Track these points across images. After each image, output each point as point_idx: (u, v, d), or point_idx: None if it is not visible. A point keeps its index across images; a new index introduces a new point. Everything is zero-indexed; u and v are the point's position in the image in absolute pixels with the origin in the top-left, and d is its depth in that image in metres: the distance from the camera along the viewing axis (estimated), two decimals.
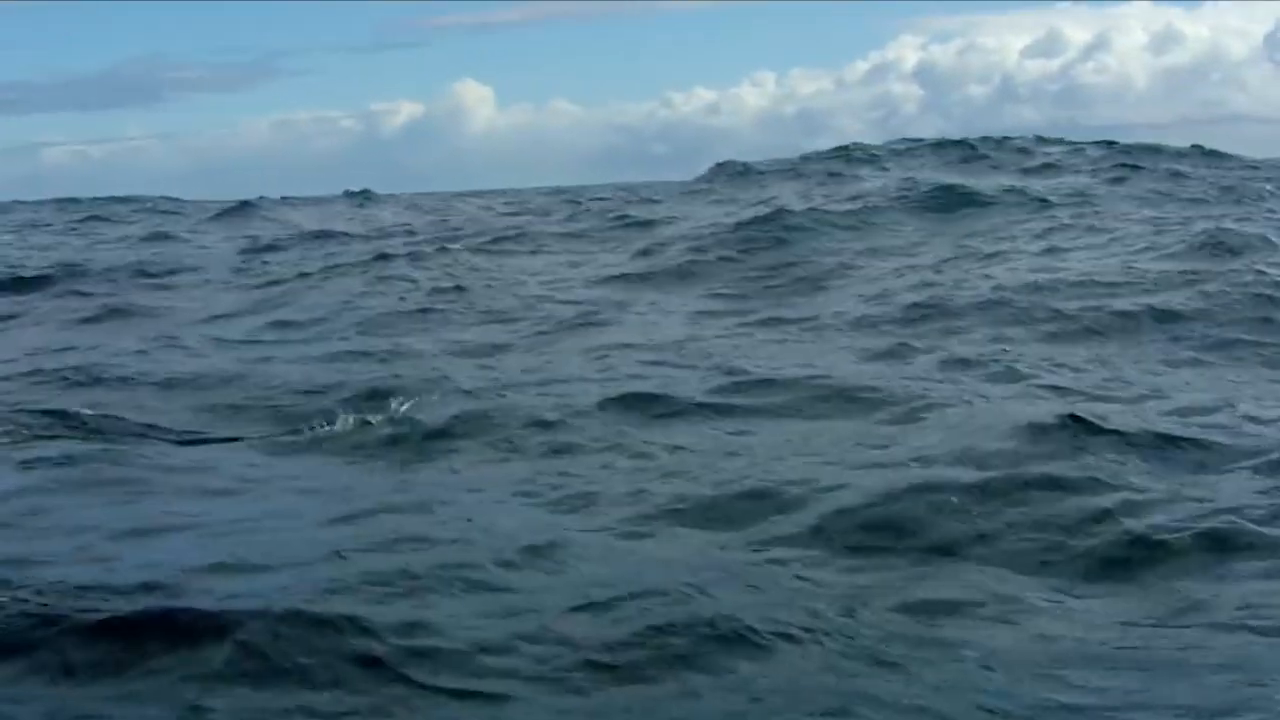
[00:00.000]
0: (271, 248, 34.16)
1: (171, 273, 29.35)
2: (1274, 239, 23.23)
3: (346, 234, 36.72)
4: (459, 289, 23.04)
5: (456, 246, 29.71)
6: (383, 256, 28.35)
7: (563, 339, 18.14)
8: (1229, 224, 24.83)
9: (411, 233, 36.71)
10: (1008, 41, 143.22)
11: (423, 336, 18.82)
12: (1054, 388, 13.56)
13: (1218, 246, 22.53)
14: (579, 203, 45.23)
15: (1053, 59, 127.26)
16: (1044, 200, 30.60)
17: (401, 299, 22.60)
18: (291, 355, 17.70)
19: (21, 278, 28.66)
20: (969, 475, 9.94)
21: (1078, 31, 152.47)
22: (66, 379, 15.98)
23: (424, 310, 21.27)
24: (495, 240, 31.33)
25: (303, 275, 26.74)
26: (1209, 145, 43.08)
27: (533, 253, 29.26)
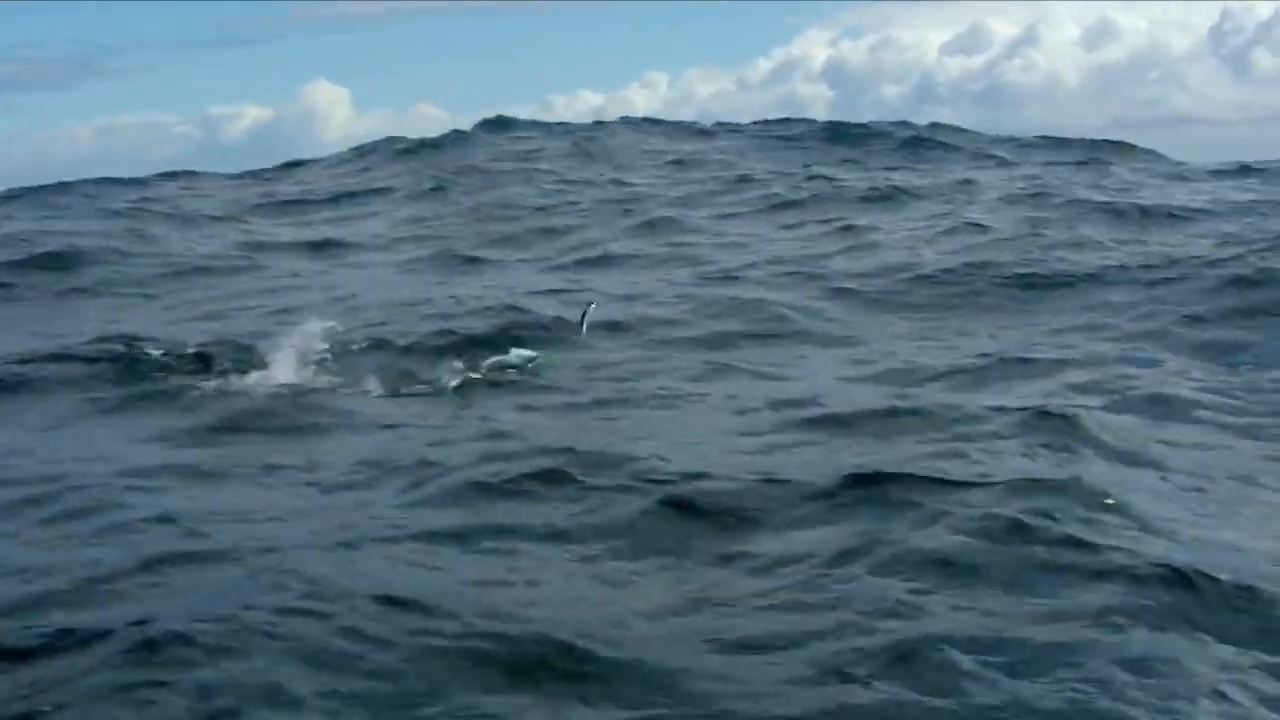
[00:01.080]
0: None
1: None
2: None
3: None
4: None
5: None
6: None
7: None
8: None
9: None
10: (926, 37, 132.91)
11: None
12: None
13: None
14: None
15: (976, 56, 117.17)
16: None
17: None
18: None
19: None
20: None
21: (1004, 26, 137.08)
22: None
23: None
24: None
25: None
26: (1146, 146, 44.45)
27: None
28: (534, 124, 52.00)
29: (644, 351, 18.66)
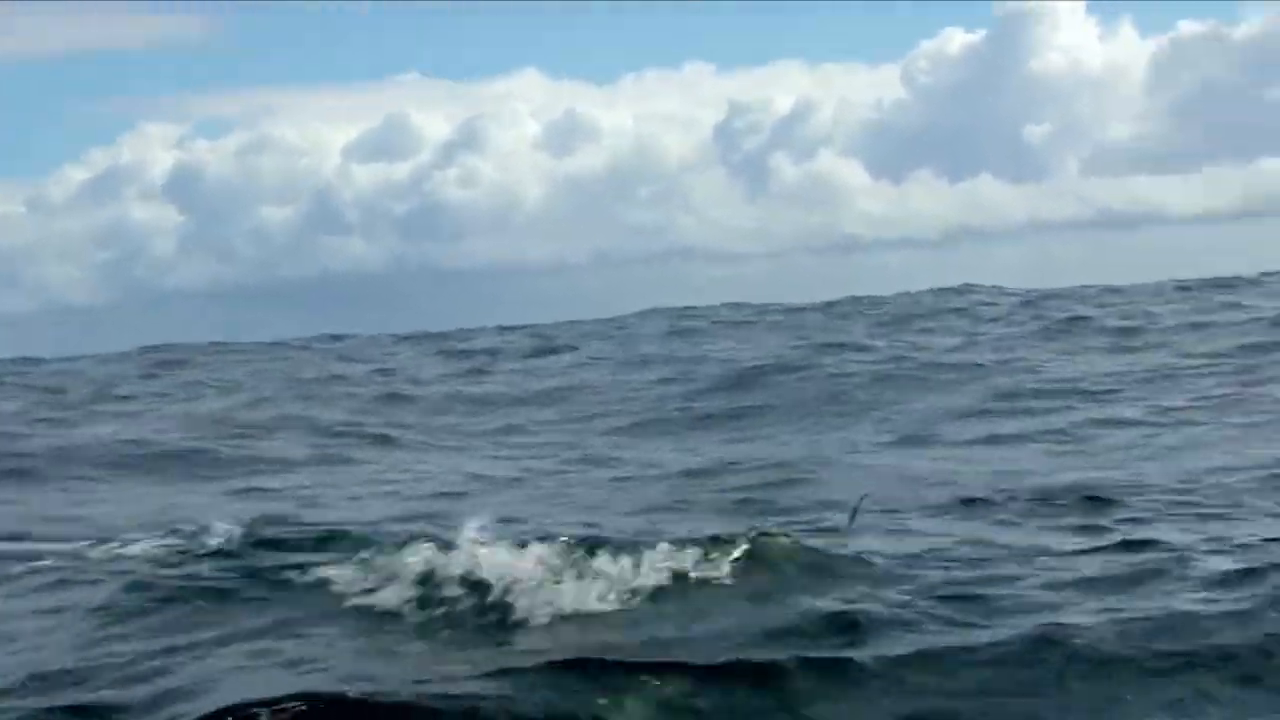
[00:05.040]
0: None
1: None
2: None
3: None
4: None
5: None
6: None
7: None
8: None
9: None
10: (324, 136, 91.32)
11: None
12: None
13: None
14: None
15: (398, 161, 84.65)
16: None
17: None
18: None
19: None
20: None
21: (433, 121, 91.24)
22: None
23: None
24: None
25: None
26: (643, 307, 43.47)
27: None
28: None
29: None
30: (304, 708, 8.38)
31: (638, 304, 47.62)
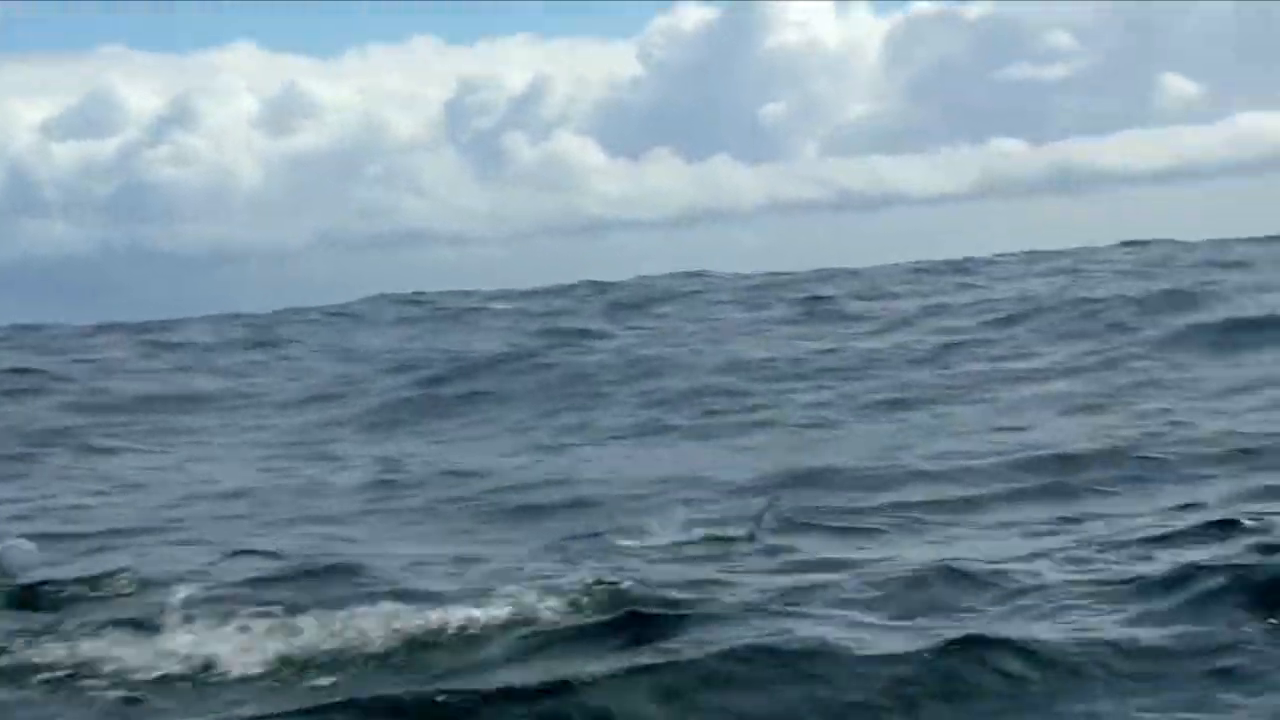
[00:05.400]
0: None
1: None
2: None
3: None
4: None
5: None
6: None
7: None
8: None
9: None
10: (17, 111, 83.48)
11: None
12: None
13: None
14: None
15: (104, 139, 76.36)
16: None
17: None
18: None
19: None
20: None
21: (139, 94, 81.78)
22: None
23: None
24: None
25: None
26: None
27: None
28: None
29: None
30: None
31: (365, 290, 45.22)
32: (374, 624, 9.52)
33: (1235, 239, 44.37)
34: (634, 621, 9.53)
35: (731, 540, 12.65)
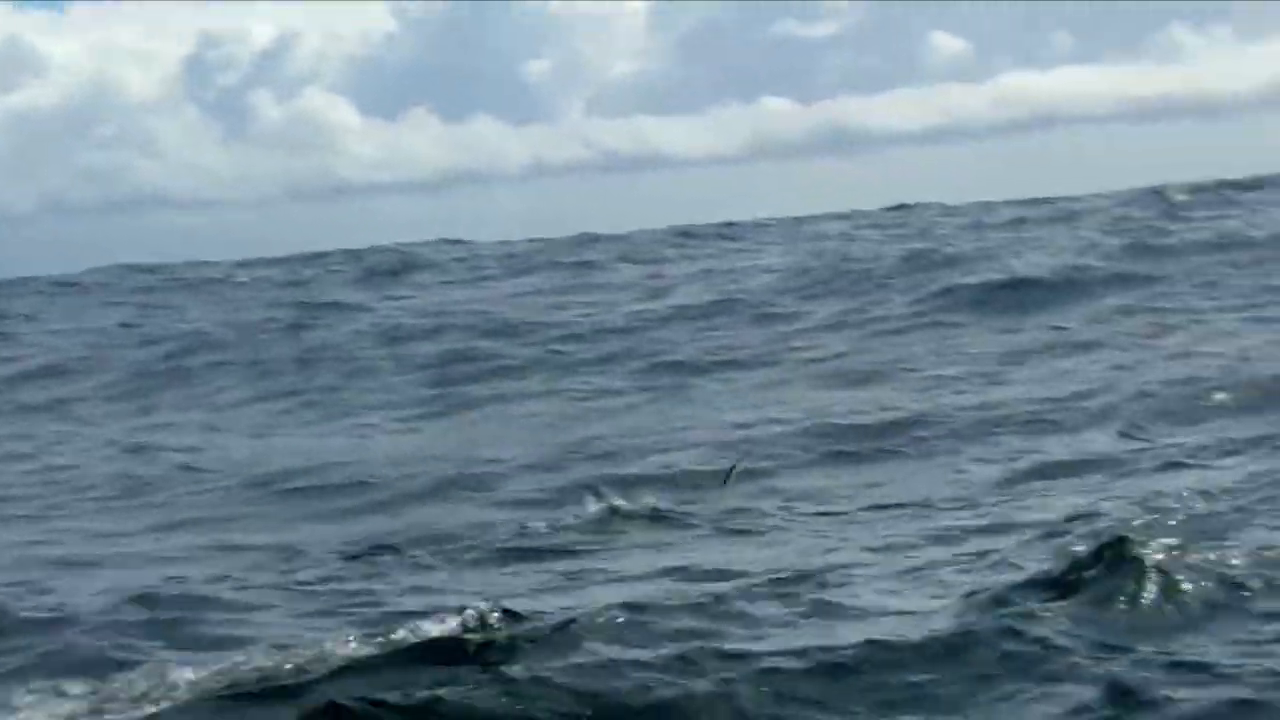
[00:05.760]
0: None
1: None
2: None
3: None
4: None
5: None
6: None
7: None
8: None
9: None
10: None
11: None
12: None
13: None
14: None
15: None
16: None
17: None
18: None
19: None
20: None
21: None
22: None
23: None
24: None
25: None
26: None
27: None
28: None
29: None
30: None
31: (97, 259, 41.91)
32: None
33: (1001, 200, 44.54)
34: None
35: None
